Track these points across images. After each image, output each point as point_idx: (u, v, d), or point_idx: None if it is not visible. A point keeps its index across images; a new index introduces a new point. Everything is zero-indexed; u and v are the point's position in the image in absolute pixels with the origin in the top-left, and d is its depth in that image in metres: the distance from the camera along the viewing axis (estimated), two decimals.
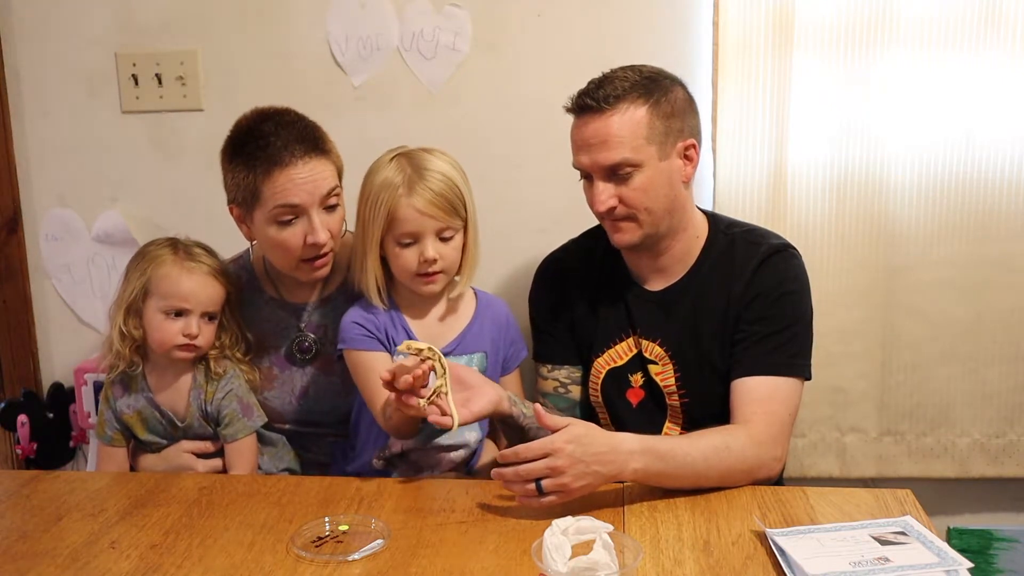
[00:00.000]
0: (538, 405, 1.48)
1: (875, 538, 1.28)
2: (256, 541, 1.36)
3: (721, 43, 2.00)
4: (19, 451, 2.24)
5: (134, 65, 2.17)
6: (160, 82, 2.17)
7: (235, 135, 1.69)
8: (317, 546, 1.34)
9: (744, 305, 1.63)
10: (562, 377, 1.81)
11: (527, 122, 2.11)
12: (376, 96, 2.14)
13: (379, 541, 1.33)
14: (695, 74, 2.05)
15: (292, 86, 2.13)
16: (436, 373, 1.46)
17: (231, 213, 1.73)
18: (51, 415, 2.28)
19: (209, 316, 1.68)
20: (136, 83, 2.18)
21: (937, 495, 2.15)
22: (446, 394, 1.48)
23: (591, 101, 1.59)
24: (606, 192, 1.60)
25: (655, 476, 1.45)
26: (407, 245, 1.60)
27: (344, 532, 1.38)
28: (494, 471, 1.41)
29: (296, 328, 1.80)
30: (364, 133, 2.13)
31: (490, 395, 1.57)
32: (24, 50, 2.20)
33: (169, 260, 1.67)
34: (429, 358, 1.44)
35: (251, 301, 1.81)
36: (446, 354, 1.65)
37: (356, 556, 1.30)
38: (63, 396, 2.30)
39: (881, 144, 2.03)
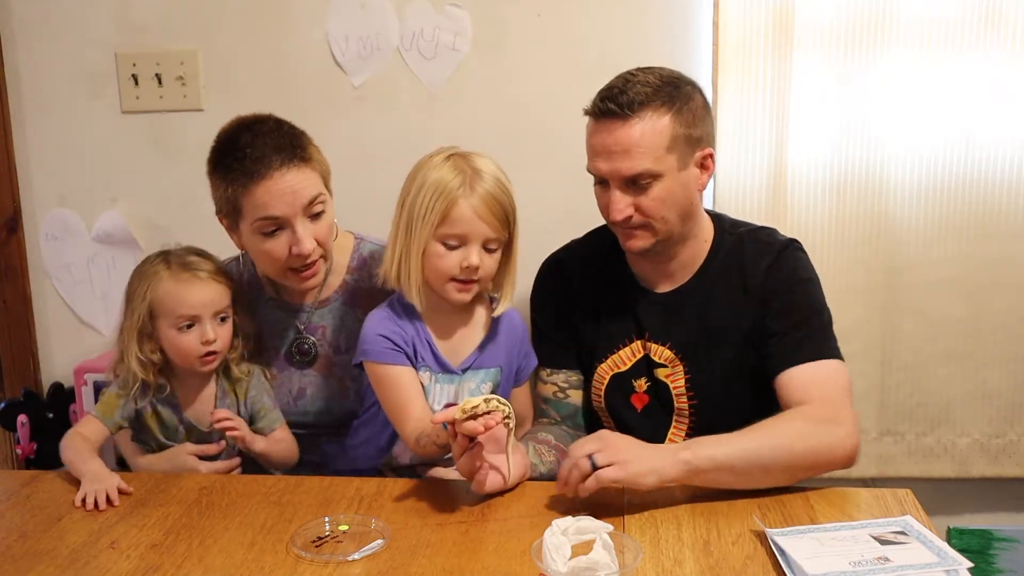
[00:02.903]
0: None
1: (875, 538, 1.28)
2: (256, 541, 1.36)
3: (721, 43, 2.00)
4: (19, 451, 2.24)
5: (134, 65, 2.17)
6: (160, 82, 2.17)
7: (215, 146, 1.67)
8: (317, 546, 1.34)
9: (761, 302, 1.61)
10: (560, 382, 1.78)
11: (527, 122, 2.11)
12: (376, 96, 2.14)
13: (379, 541, 1.33)
14: (695, 74, 2.03)
15: (292, 86, 2.14)
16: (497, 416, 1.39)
17: (221, 223, 1.72)
18: (51, 415, 2.28)
19: (221, 317, 1.67)
20: (136, 83, 2.18)
21: (937, 495, 2.15)
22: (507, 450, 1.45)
23: (614, 106, 1.54)
24: (623, 201, 1.56)
25: (712, 469, 1.41)
26: (452, 248, 1.54)
27: (344, 532, 1.38)
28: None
29: (295, 329, 1.80)
30: (364, 133, 2.14)
31: (521, 465, 1.51)
32: (24, 50, 2.20)
33: (166, 276, 1.64)
34: (499, 410, 1.37)
35: (252, 301, 1.81)
36: (463, 371, 1.65)
37: (356, 556, 1.30)
38: (63, 396, 2.30)
39: (881, 144, 2.04)
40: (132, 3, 2.15)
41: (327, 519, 1.40)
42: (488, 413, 1.35)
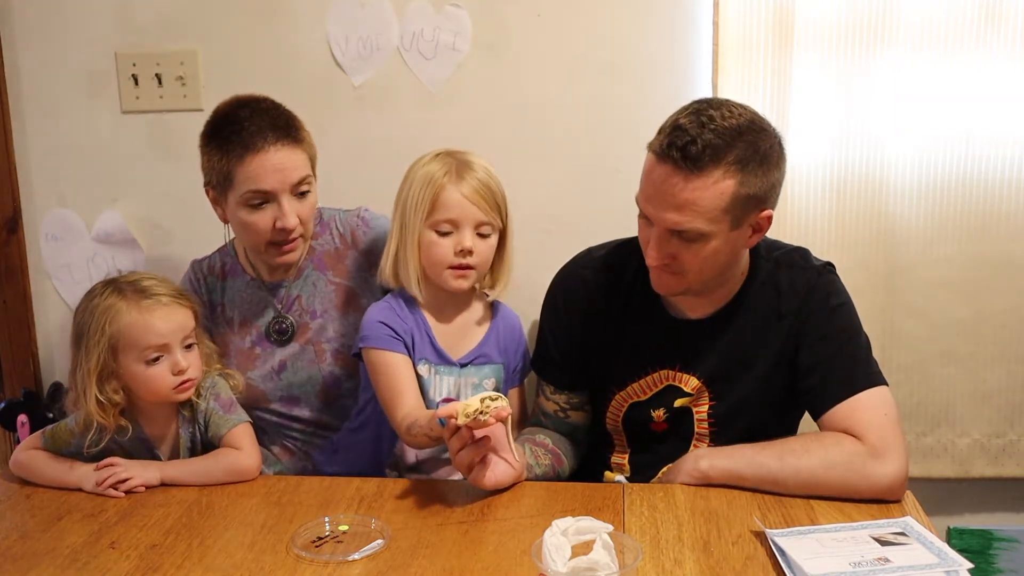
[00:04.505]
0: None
1: (875, 539, 1.28)
2: (256, 541, 1.36)
3: (721, 43, 2.00)
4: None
5: (134, 65, 2.17)
6: (160, 82, 2.17)
7: (213, 119, 1.74)
8: (317, 546, 1.34)
9: (794, 326, 1.56)
10: (562, 402, 1.74)
11: (527, 122, 2.11)
12: (376, 96, 2.14)
13: (379, 541, 1.33)
14: (695, 74, 2.05)
15: (292, 86, 2.13)
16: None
17: (207, 195, 1.77)
18: (51, 415, 2.27)
19: (188, 344, 1.57)
20: (136, 83, 2.18)
21: (937, 495, 2.15)
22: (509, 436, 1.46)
23: (679, 157, 1.40)
24: (663, 249, 1.48)
25: (727, 480, 1.49)
26: (445, 234, 1.59)
27: (344, 532, 1.38)
28: None
29: (274, 308, 1.84)
30: (364, 133, 2.13)
31: (519, 465, 1.50)
32: (24, 50, 2.20)
33: (124, 306, 1.52)
34: (494, 402, 1.37)
35: (232, 285, 1.86)
36: (463, 365, 1.66)
37: (356, 556, 1.30)
38: (63, 396, 2.29)
39: (881, 144, 2.04)
40: (132, 3, 2.15)
41: (327, 519, 1.40)
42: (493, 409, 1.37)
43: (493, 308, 1.74)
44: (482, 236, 1.61)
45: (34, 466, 1.59)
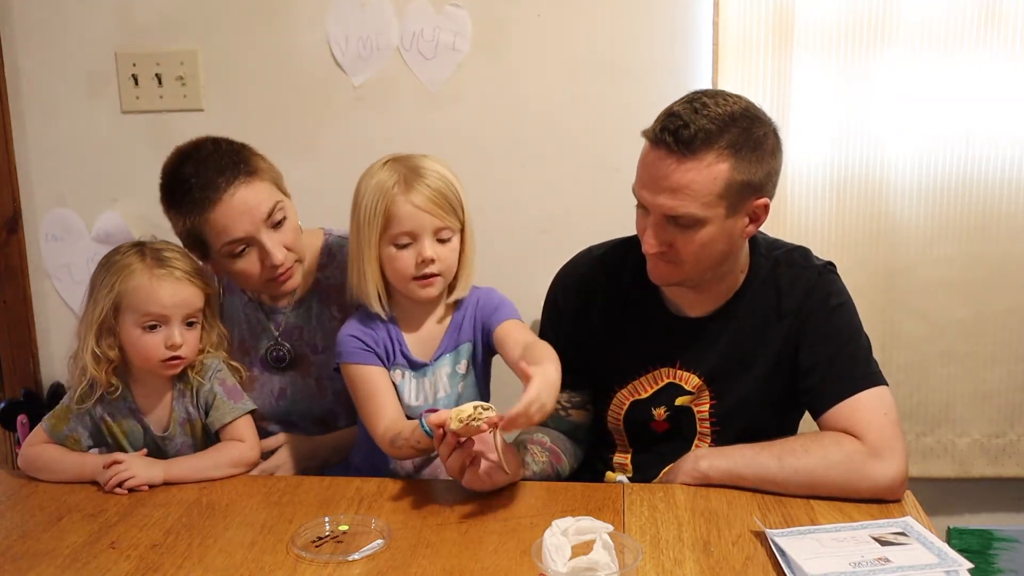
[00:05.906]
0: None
1: (875, 538, 1.28)
2: (256, 541, 1.36)
3: (721, 43, 2.00)
4: (19, 451, 2.24)
5: (134, 65, 2.17)
6: (160, 82, 2.17)
7: (163, 182, 1.66)
8: (317, 546, 1.34)
9: (795, 326, 1.56)
10: (563, 400, 1.72)
11: (527, 122, 2.11)
12: (376, 96, 2.14)
13: (379, 541, 1.33)
14: (695, 74, 2.05)
15: (292, 86, 2.14)
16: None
17: (192, 255, 1.69)
18: None
19: (190, 322, 1.58)
20: (136, 83, 2.18)
21: (937, 495, 2.15)
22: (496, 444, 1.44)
23: (672, 141, 1.42)
24: (659, 236, 1.48)
25: (727, 480, 1.49)
26: (404, 246, 1.54)
27: (344, 532, 1.38)
28: None
29: (271, 335, 1.80)
30: (364, 133, 2.14)
31: (515, 463, 1.50)
32: (24, 50, 2.20)
33: (139, 269, 1.55)
34: (485, 411, 1.36)
35: (231, 303, 1.82)
36: (438, 357, 1.65)
37: (356, 556, 1.30)
38: (63, 396, 2.29)
39: (881, 144, 2.04)
40: (132, 3, 2.15)
41: (327, 519, 1.40)
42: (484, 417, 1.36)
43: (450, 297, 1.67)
44: (442, 241, 1.56)
45: (44, 460, 1.60)
